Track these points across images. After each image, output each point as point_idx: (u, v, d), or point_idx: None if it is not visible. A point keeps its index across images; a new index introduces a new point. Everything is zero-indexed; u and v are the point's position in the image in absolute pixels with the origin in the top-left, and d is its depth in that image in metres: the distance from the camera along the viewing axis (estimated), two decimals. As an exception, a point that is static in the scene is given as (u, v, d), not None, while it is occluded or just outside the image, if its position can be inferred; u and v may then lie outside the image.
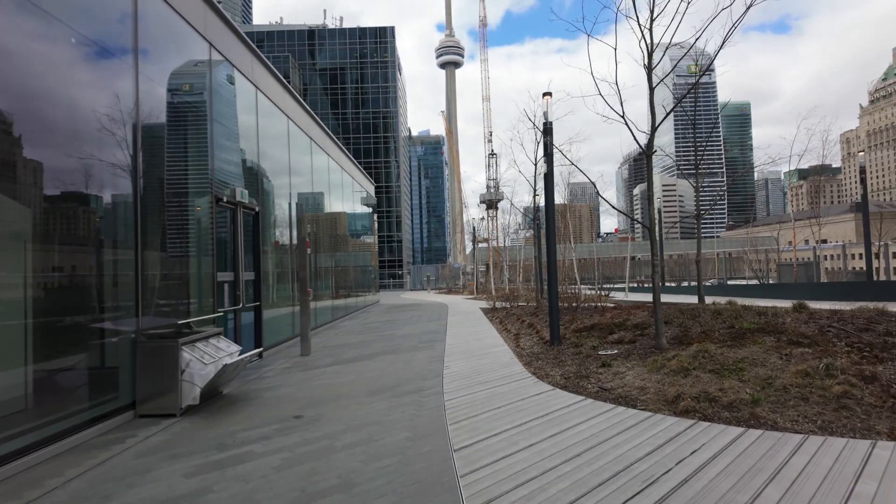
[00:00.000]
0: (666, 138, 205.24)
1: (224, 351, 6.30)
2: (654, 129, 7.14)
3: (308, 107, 13.33)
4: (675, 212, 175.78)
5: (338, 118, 76.31)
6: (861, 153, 16.29)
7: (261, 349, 9.18)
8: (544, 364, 7.33)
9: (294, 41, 78.29)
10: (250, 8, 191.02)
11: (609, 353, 7.44)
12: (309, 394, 6.39)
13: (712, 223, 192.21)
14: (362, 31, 79.10)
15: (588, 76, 8.02)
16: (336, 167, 17.28)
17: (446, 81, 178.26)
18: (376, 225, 29.73)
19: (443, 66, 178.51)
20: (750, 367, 5.70)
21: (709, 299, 12.36)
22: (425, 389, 6.23)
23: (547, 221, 8.88)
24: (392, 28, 79.04)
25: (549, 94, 9.05)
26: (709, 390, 5.10)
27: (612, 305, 12.24)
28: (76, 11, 4.91)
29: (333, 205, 17.29)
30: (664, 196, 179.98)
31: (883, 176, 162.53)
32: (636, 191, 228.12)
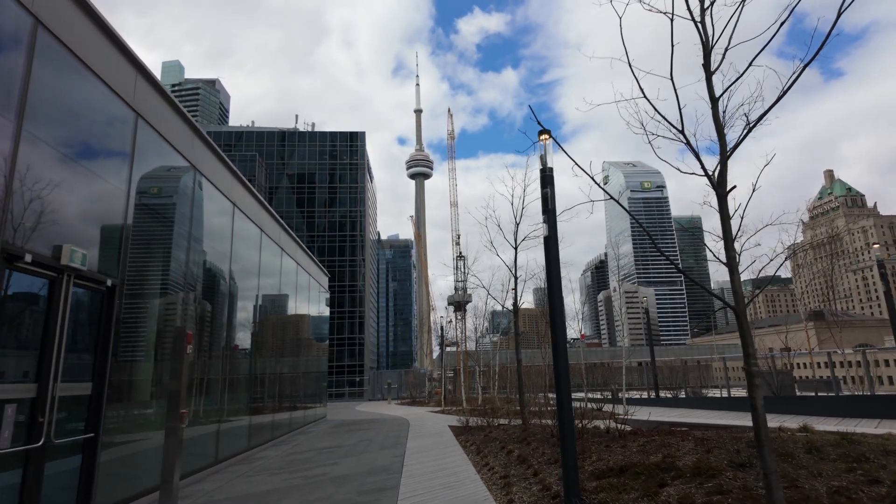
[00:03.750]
0: (625, 248, 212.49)
1: None
2: (724, 157, 4.62)
3: (228, 159, 10.58)
4: (640, 317, 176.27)
5: (303, 216, 74.54)
6: (876, 245, 14.53)
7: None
8: (570, 559, 4.00)
9: (264, 142, 78.53)
10: (227, 113, 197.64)
11: (682, 533, 4.17)
12: None
13: (676, 331, 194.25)
14: (333, 135, 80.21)
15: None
16: (274, 247, 14.28)
17: (416, 190, 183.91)
18: (328, 326, 26.10)
19: (413, 176, 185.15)
20: None
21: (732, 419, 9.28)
22: None
23: (551, 302, 5.96)
24: (363, 133, 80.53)
25: (548, 131, 6.65)
26: None
27: (629, 429, 8.99)
28: None
29: (268, 293, 14.01)
30: (627, 303, 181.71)
31: (832, 284, 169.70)
32: (600, 296, 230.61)
